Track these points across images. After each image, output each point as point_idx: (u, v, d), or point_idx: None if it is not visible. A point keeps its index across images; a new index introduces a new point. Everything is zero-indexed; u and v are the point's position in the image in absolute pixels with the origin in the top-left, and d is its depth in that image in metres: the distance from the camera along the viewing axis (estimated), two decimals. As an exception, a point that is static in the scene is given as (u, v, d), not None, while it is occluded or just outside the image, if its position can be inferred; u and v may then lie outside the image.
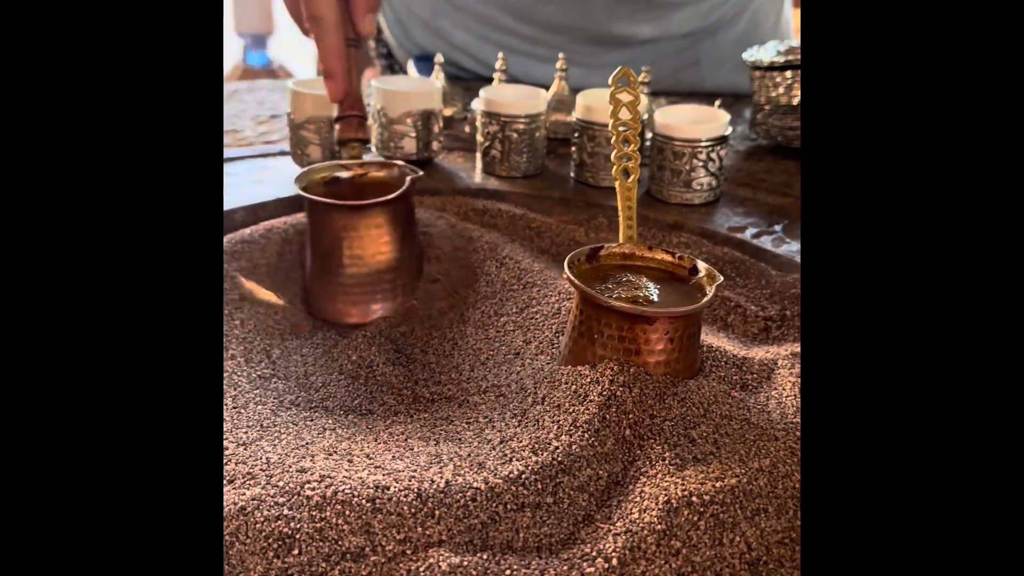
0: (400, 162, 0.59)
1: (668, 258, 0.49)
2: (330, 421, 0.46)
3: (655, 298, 0.46)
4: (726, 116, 0.69)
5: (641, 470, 0.39)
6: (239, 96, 0.97)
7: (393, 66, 1.13)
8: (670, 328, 0.44)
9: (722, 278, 0.46)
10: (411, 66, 1.02)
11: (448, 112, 0.86)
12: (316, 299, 0.56)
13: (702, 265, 0.48)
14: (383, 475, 0.38)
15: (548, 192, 0.71)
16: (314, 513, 0.35)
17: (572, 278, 0.45)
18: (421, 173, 0.57)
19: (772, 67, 0.80)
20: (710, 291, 0.46)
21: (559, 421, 0.41)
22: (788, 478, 0.40)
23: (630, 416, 0.42)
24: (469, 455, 0.40)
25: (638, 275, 0.48)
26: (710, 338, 0.52)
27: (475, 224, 0.65)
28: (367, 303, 0.56)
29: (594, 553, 0.35)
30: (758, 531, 0.37)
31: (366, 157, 0.60)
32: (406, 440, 0.42)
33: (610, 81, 0.52)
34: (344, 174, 0.58)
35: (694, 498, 0.37)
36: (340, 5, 0.55)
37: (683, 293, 0.47)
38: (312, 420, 0.46)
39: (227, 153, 0.74)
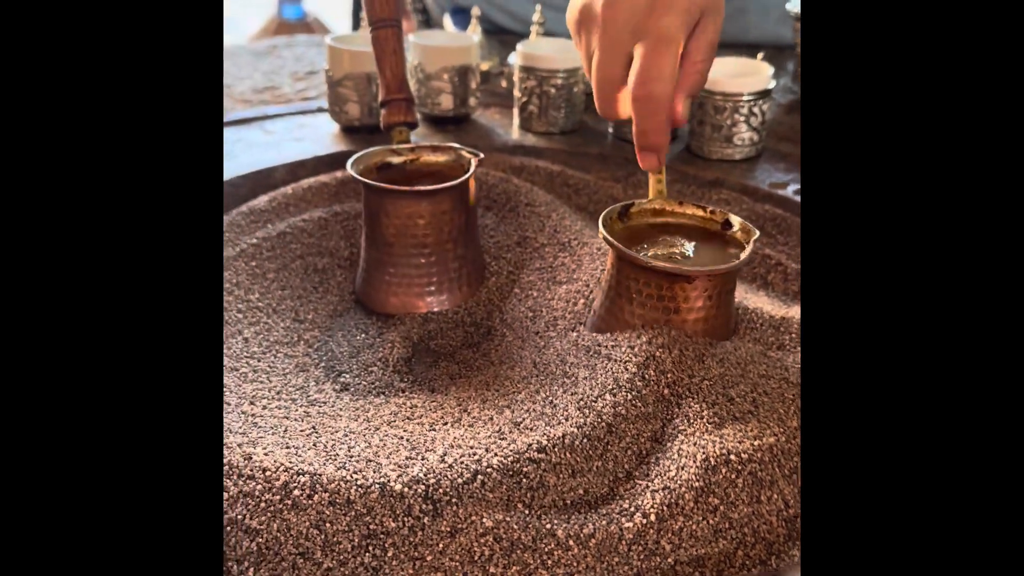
0: (455, 144, 0.56)
1: (700, 212, 0.49)
2: (354, 397, 0.47)
3: (691, 254, 0.46)
4: (769, 69, 0.67)
5: (679, 428, 0.40)
6: (277, 52, 0.97)
7: (428, 20, 1.12)
8: (709, 286, 0.44)
9: (758, 233, 0.46)
10: (447, 20, 1.01)
11: (485, 66, 0.85)
12: (375, 291, 0.54)
13: (735, 219, 0.47)
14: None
15: (586, 148, 0.70)
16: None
17: (611, 239, 0.45)
18: (482, 156, 0.54)
19: (817, 17, 0.78)
20: (749, 247, 0.45)
21: (602, 383, 0.41)
22: (827, 437, 0.40)
23: (669, 375, 0.42)
24: (511, 419, 0.40)
25: (672, 233, 0.48)
26: (750, 296, 0.52)
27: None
28: (430, 295, 0.53)
29: (632, 509, 0.36)
30: (796, 489, 0.38)
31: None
32: (445, 405, 0.43)
33: None
34: (396, 159, 0.55)
35: (732, 456, 0.37)
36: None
37: (717, 248, 0.47)
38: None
39: (266, 111, 0.75)
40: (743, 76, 0.66)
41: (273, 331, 0.51)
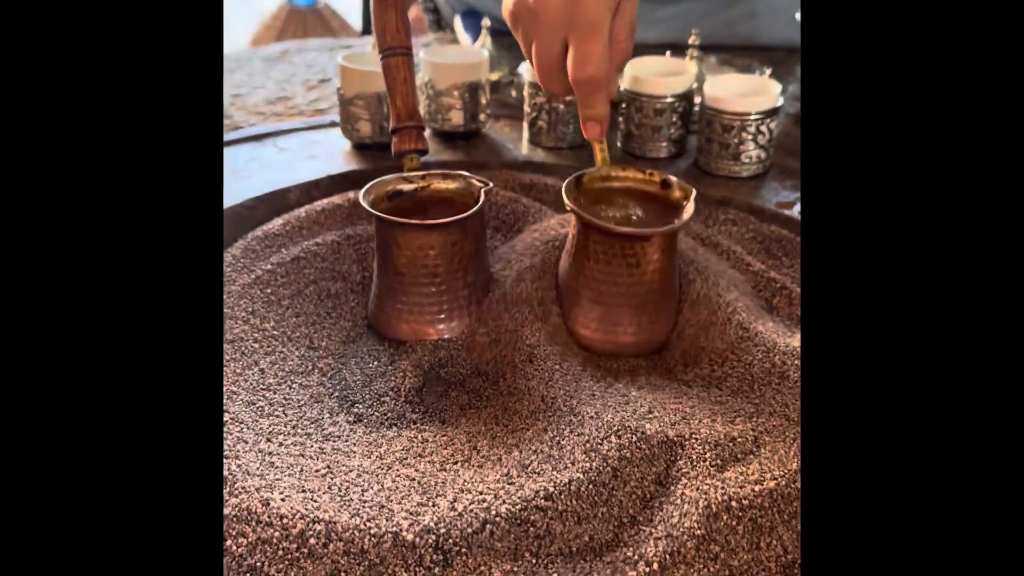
0: (464, 172, 0.57)
1: (640, 175, 0.56)
2: (367, 429, 0.48)
3: (641, 214, 0.53)
4: (777, 87, 0.67)
5: (683, 471, 0.41)
6: (289, 58, 0.97)
7: (440, 20, 1.12)
8: (663, 242, 0.51)
9: (694, 191, 0.52)
10: (457, 22, 1.01)
11: (494, 76, 0.85)
12: (387, 318, 0.55)
13: (672, 179, 0.54)
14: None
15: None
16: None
17: (579, 211, 0.51)
18: (491, 186, 0.55)
19: (828, 26, 0.77)
20: (690, 204, 0.52)
21: (607, 423, 0.43)
22: (826, 480, 0.41)
23: (673, 415, 0.43)
24: (519, 459, 0.42)
25: (620, 194, 0.55)
26: (756, 322, 0.53)
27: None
28: (441, 322, 0.54)
29: (636, 557, 0.37)
30: (794, 534, 0.39)
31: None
32: (456, 441, 0.45)
33: None
34: (407, 187, 0.57)
35: (733, 503, 0.38)
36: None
37: (661, 206, 0.54)
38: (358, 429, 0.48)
39: (279, 126, 0.76)
40: (751, 95, 0.66)
41: (288, 360, 0.52)
